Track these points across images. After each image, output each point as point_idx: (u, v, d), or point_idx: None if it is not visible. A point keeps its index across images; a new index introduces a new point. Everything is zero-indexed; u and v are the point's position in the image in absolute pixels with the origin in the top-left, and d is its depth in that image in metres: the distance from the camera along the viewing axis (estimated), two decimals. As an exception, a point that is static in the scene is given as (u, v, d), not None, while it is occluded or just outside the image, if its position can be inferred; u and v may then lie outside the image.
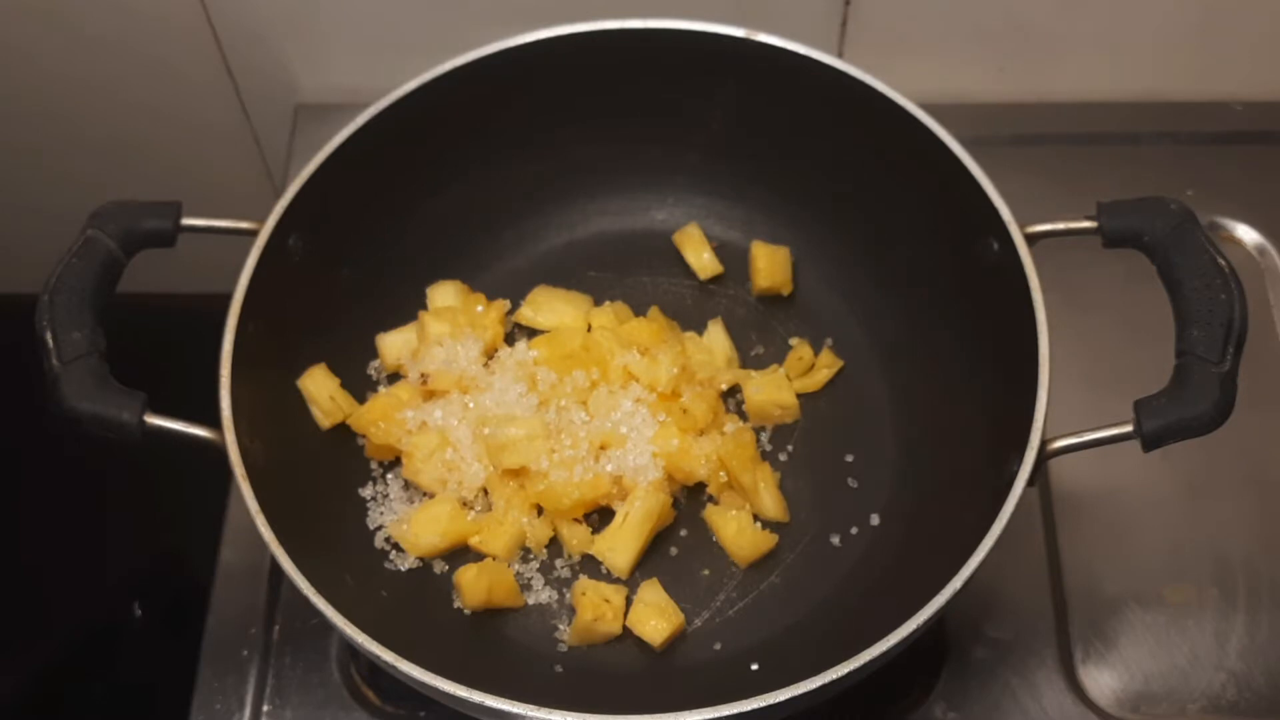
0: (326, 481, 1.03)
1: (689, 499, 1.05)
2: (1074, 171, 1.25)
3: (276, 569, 0.97)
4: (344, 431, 1.05)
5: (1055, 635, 1.04)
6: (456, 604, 1.00)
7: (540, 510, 1.03)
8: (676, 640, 0.99)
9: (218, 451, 0.89)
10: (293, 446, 1.00)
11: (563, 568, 1.03)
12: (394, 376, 1.09)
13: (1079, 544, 1.08)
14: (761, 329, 1.13)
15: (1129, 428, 0.85)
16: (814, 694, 0.82)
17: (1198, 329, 0.85)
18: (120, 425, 0.86)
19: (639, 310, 1.12)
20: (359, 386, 1.08)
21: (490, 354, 1.08)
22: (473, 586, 0.98)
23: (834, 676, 0.82)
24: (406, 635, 0.86)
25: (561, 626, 1.00)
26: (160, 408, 0.87)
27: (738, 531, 1.01)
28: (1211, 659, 1.04)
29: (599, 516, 1.03)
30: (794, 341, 1.11)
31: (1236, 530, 1.09)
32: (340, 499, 1.03)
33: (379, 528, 1.02)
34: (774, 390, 1.06)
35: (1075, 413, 0.91)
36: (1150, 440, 0.85)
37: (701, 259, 1.14)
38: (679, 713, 0.80)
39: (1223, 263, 0.86)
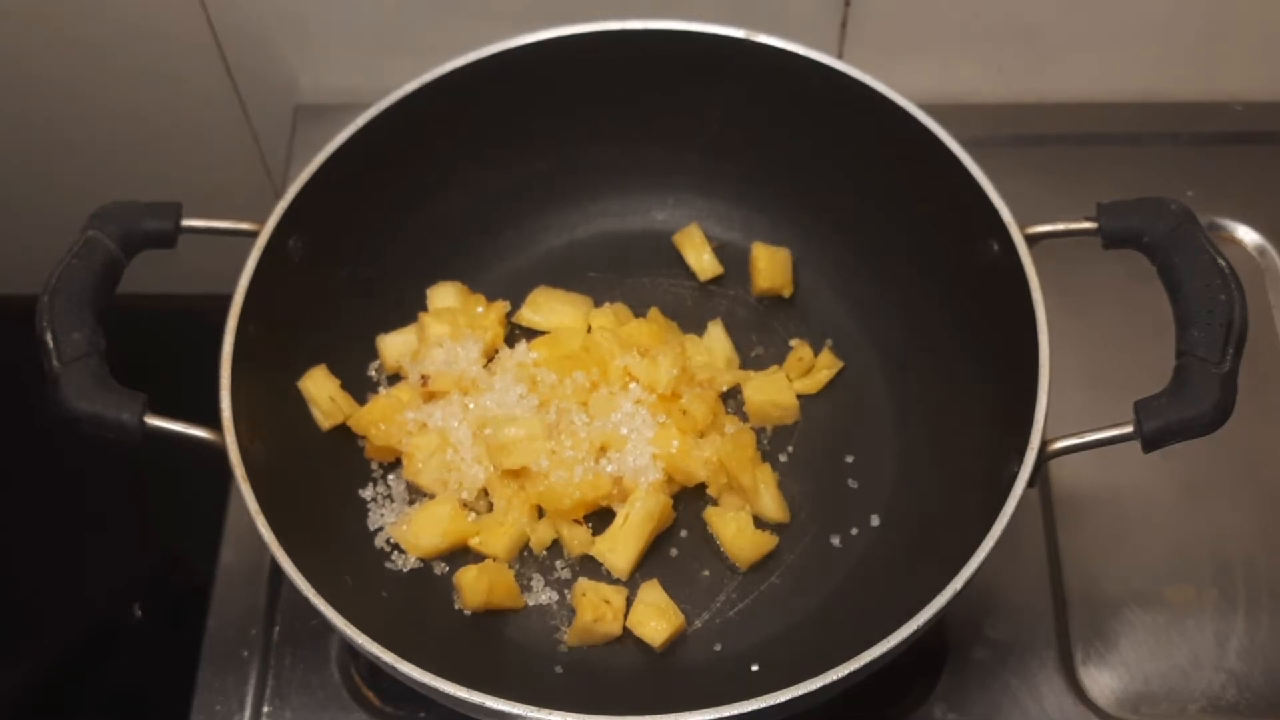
0: (327, 482, 1.03)
1: (689, 500, 1.05)
2: (1074, 171, 1.25)
3: (276, 569, 0.97)
4: (344, 432, 1.05)
5: (1055, 636, 1.04)
6: (457, 605, 1.00)
7: (541, 511, 1.03)
8: (677, 641, 0.99)
9: (218, 452, 0.89)
10: (293, 447, 1.00)
11: (563, 568, 1.03)
12: (394, 378, 1.09)
13: (1079, 544, 1.08)
14: (761, 330, 1.13)
15: (1129, 428, 0.85)
16: (814, 694, 0.82)
17: (1198, 329, 0.84)
18: (120, 426, 0.86)
19: (639, 311, 1.12)
20: (359, 387, 1.08)
21: (490, 355, 1.08)
22: (473, 587, 0.98)
23: (834, 677, 0.82)
24: (406, 636, 0.86)
25: (562, 627, 1.00)
26: (160, 408, 0.87)
27: (738, 532, 1.01)
28: (1211, 659, 1.04)
29: (599, 517, 1.03)
30: (794, 342, 1.11)
31: (1236, 530, 1.09)
32: (341, 500, 1.03)
33: (379, 529, 1.02)
34: (774, 391, 1.06)
35: (1075, 413, 0.91)
36: (1150, 441, 0.84)
37: (702, 260, 1.14)
38: (679, 713, 0.80)
39: (1223, 263, 0.86)
